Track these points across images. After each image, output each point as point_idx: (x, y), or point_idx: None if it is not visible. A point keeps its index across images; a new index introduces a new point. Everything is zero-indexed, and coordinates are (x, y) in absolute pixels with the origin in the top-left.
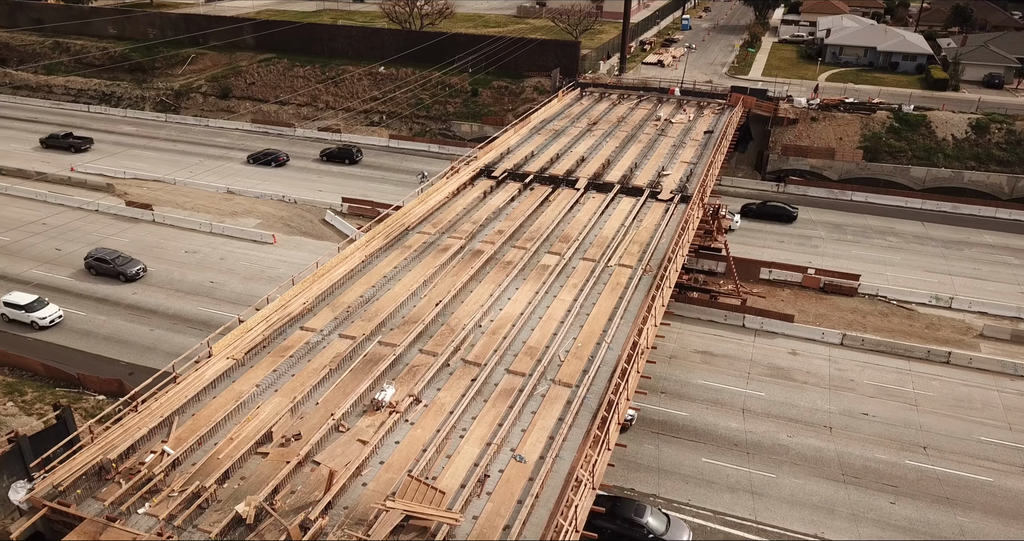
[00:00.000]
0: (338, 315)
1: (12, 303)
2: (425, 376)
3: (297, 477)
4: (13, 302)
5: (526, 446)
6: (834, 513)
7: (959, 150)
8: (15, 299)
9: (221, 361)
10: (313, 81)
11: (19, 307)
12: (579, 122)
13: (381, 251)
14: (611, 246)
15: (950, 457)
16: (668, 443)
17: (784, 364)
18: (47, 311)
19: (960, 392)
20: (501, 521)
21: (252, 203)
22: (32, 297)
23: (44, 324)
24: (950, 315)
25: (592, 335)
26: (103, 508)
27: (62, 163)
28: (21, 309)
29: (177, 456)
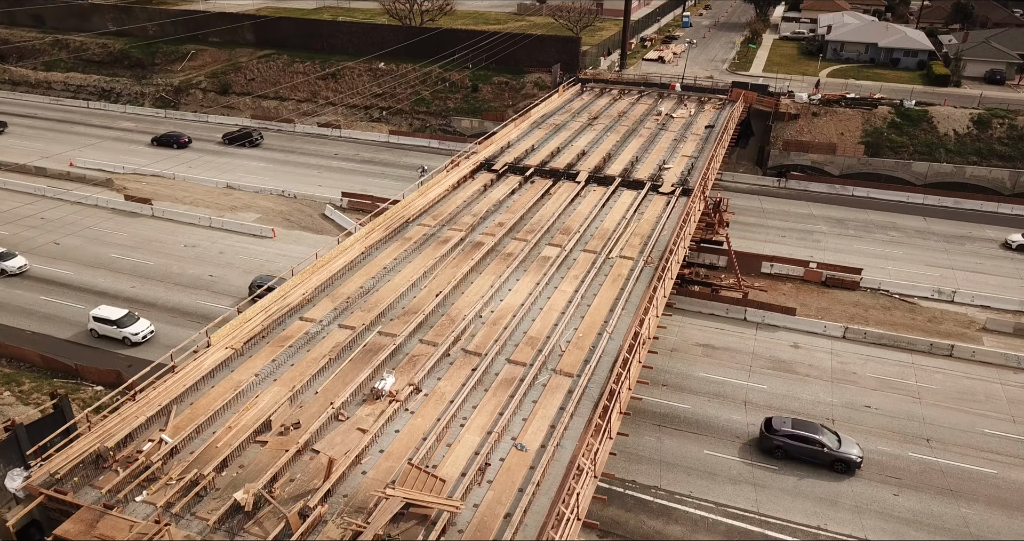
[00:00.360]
0: (337, 306)
1: (102, 318)
2: (425, 366)
3: (296, 465)
4: (103, 317)
5: (527, 435)
6: (837, 505)
7: (961, 145)
8: (105, 314)
9: (220, 351)
10: (313, 77)
11: (110, 322)
12: (580, 117)
13: (381, 243)
14: (612, 238)
15: (954, 449)
16: (670, 435)
17: (786, 357)
18: (139, 326)
19: (963, 385)
20: (502, 509)
21: (251, 198)
22: (123, 312)
23: (137, 340)
24: (953, 309)
25: (593, 326)
26: (100, 496)
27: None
28: (112, 324)
29: (175, 444)
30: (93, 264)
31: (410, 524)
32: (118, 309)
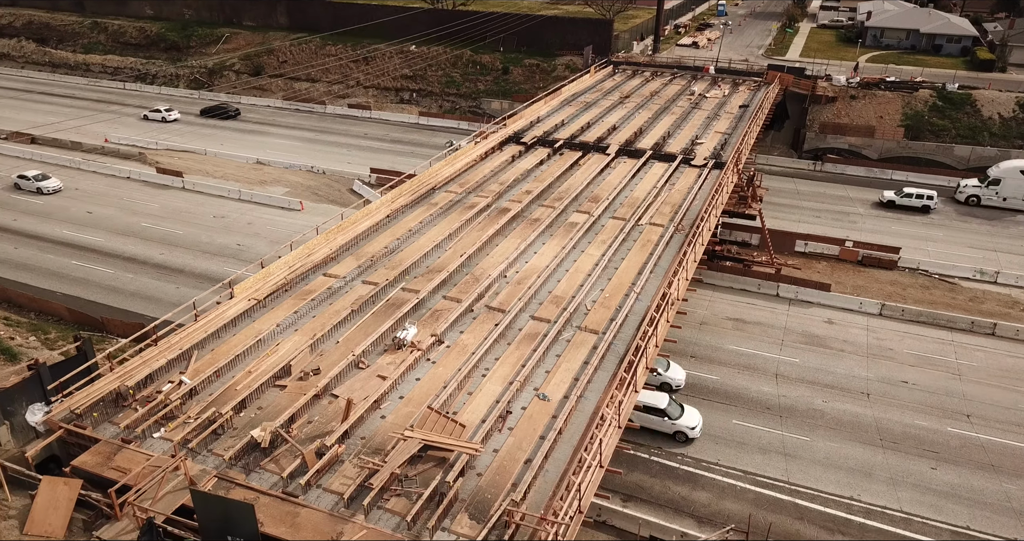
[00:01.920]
0: (361, 263)
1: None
2: (448, 318)
3: (315, 408)
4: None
5: (550, 386)
6: (871, 476)
7: (1006, 129)
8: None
9: (242, 302)
10: (345, 59)
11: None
12: (611, 96)
13: (407, 207)
14: (642, 206)
15: (996, 426)
16: (697, 405)
17: (820, 333)
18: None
19: (1006, 363)
20: (523, 454)
21: (281, 173)
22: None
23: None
24: (995, 289)
25: (621, 287)
26: (118, 432)
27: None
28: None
29: (194, 385)
30: (124, 232)
31: (428, 466)
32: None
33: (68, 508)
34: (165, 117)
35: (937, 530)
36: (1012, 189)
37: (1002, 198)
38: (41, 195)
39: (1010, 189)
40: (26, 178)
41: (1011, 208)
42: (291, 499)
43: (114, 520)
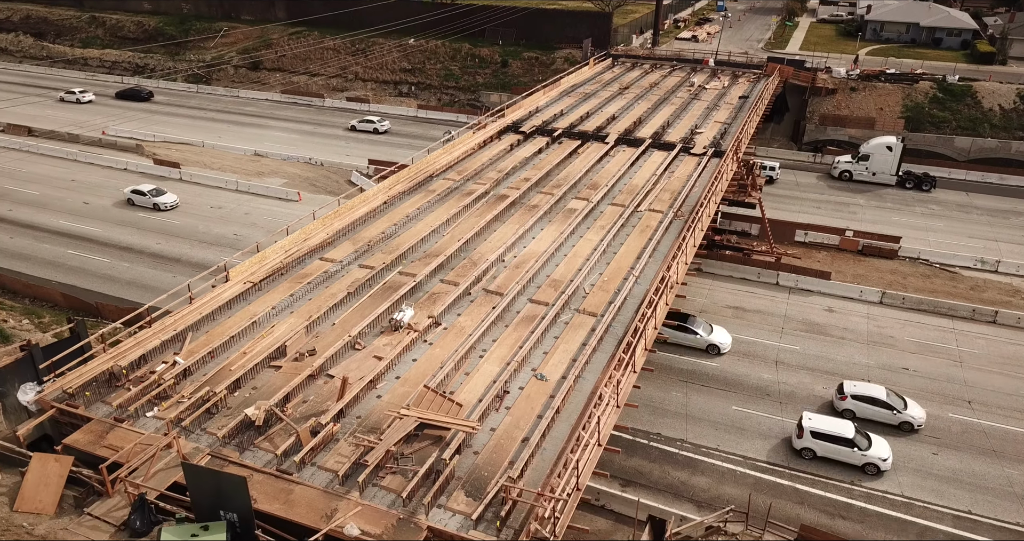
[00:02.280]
0: (358, 248)
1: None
2: (445, 301)
3: (310, 388)
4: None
5: (548, 366)
6: None
7: (1007, 120)
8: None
9: (237, 285)
10: (343, 53)
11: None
12: (610, 87)
13: (404, 194)
14: (641, 193)
15: (997, 412)
16: (697, 392)
17: (820, 320)
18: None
19: (1008, 351)
20: (520, 433)
21: (279, 164)
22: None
23: None
24: (996, 278)
25: (619, 271)
26: (111, 411)
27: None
28: None
29: (188, 365)
30: (120, 222)
31: (424, 444)
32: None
33: (59, 485)
34: (80, 99)
35: (939, 514)
36: (879, 164)
37: (871, 173)
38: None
39: (877, 164)
40: (141, 194)
41: (879, 182)
42: (285, 476)
43: (105, 497)
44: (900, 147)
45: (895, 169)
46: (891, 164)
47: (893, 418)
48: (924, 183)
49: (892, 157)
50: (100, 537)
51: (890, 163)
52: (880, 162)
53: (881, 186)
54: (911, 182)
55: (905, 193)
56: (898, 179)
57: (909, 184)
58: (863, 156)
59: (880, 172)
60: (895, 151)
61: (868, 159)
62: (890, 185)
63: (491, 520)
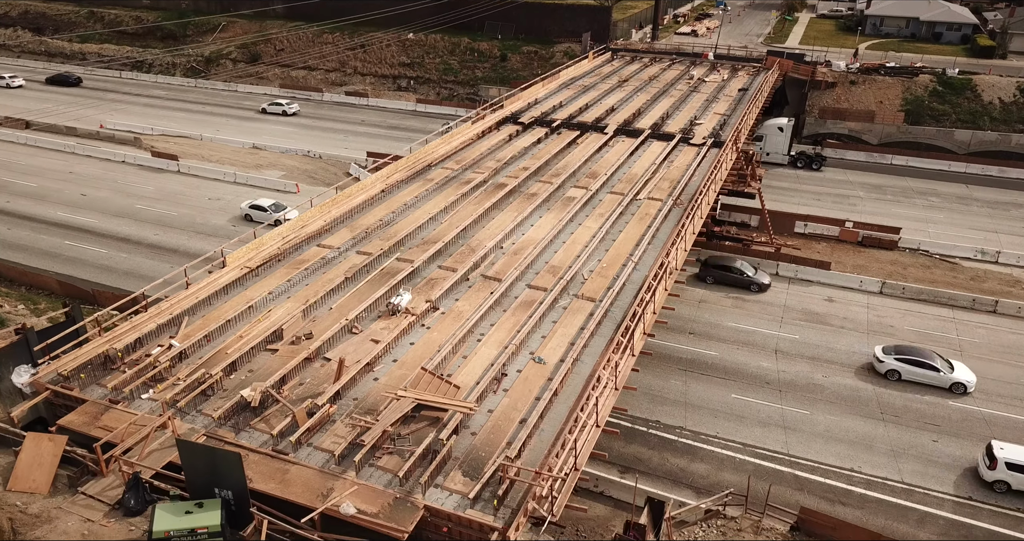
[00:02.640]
0: (356, 235)
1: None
2: (443, 286)
3: (306, 371)
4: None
5: (546, 350)
6: (872, 449)
7: (1007, 113)
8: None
9: (234, 271)
10: (342, 47)
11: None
12: (609, 79)
13: (402, 183)
14: (640, 182)
15: (998, 400)
16: (696, 380)
17: (820, 310)
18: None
19: (1008, 340)
20: (518, 415)
21: (277, 157)
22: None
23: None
24: (996, 269)
25: (618, 257)
26: (106, 393)
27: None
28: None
29: (184, 348)
30: (118, 214)
31: (421, 425)
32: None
33: (53, 464)
34: (9, 84)
35: (939, 501)
36: (772, 144)
37: (766, 153)
38: None
39: (771, 145)
40: (261, 209)
41: (773, 161)
42: (281, 456)
43: (99, 476)
44: (791, 128)
45: (787, 149)
46: (783, 144)
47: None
48: (814, 162)
49: (784, 137)
50: (94, 516)
51: (782, 143)
52: (773, 142)
53: (775, 165)
54: (802, 161)
55: (797, 171)
56: (790, 158)
57: (800, 163)
58: (758, 136)
59: (774, 152)
60: (786, 132)
61: (762, 139)
62: (783, 164)
63: (488, 499)
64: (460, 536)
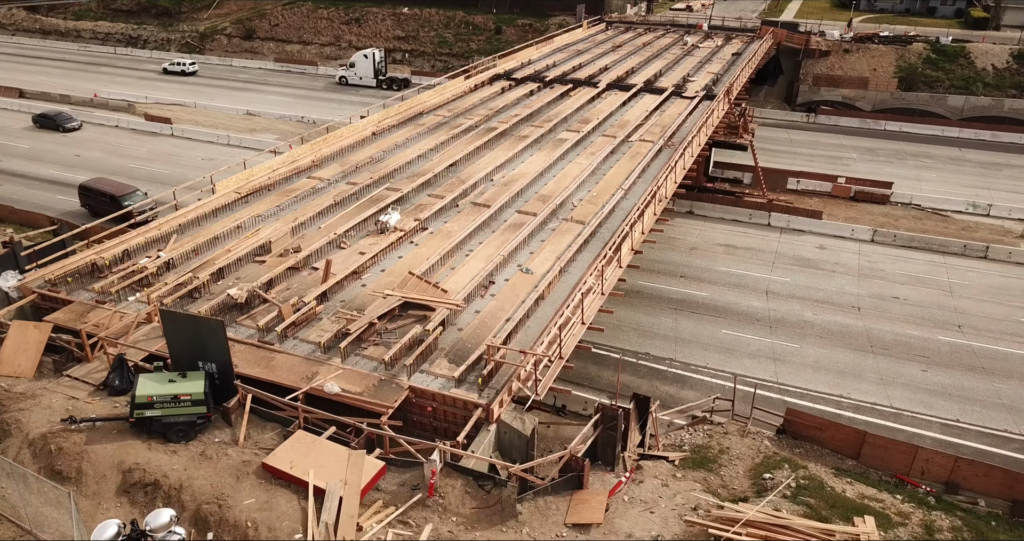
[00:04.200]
0: (346, 169)
1: None
2: (432, 210)
3: (294, 278)
4: None
5: (533, 263)
6: (861, 378)
7: (1000, 79)
8: None
9: (224, 197)
10: (337, 22)
11: None
12: (603, 45)
13: (393, 127)
14: (632, 127)
15: (987, 335)
16: (687, 318)
17: (811, 256)
18: None
19: (998, 282)
20: (504, 314)
21: (271, 123)
22: None
23: None
24: (988, 221)
25: (608, 188)
26: (93, 296)
27: None
28: None
29: (171, 258)
30: (111, 172)
31: (408, 321)
32: None
33: (38, 350)
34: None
35: (927, 423)
36: (363, 70)
37: (359, 77)
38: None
39: (361, 70)
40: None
41: (364, 85)
42: (266, 346)
43: (85, 362)
44: (376, 56)
45: (374, 74)
46: (371, 70)
47: None
48: (396, 84)
49: (370, 64)
50: (79, 395)
51: (371, 69)
52: (363, 68)
53: (366, 87)
54: (386, 84)
55: (385, 91)
56: (378, 82)
57: (385, 86)
58: (351, 63)
59: (365, 76)
60: (370, 59)
61: (355, 66)
62: (372, 86)
63: (473, 382)
64: (445, 415)
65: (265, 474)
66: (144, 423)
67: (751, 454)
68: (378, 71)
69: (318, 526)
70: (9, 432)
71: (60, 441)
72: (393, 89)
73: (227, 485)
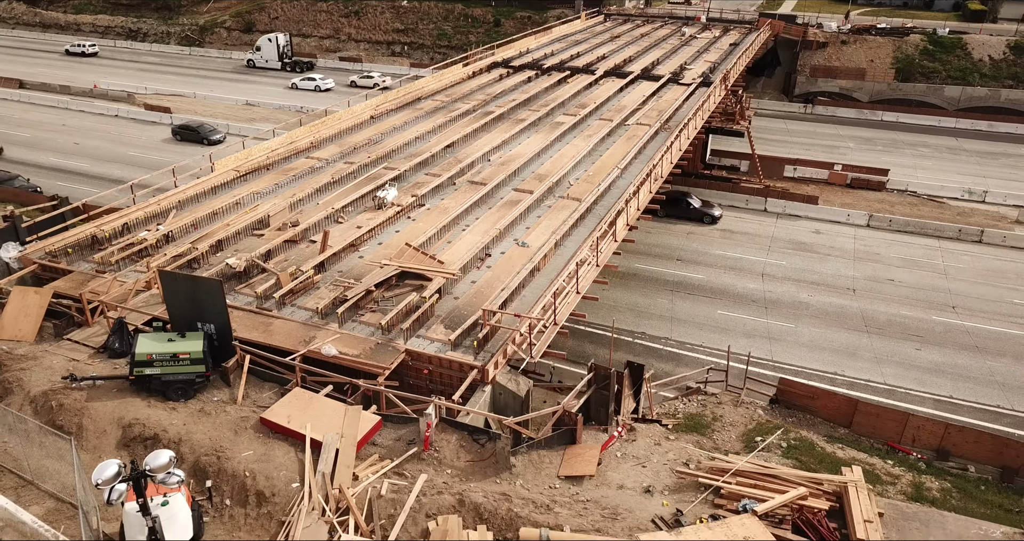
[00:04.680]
0: (344, 150)
1: None
2: (429, 186)
3: (292, 250)
4: None
5: (529, 238)
6: (856, 356)
7: (996, 70)
8: None
9: (223, 175)
10: (336, 15)
11: None
12: (601, 36)
13: (391, 112)
14: (629, 111)
15: (980, 315)
16: (683, 299)
17: (807, 240)
18: None
19: (993, 265)
20: (500, 285)
21: (270, 112)
22: None
23: None
24: (983, 207)
25: (605, 168)
26: (94, 266)
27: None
28: None
29: (170, 230)
30: (110, 159)
31: (404, 290)
32: None
33: (39, 315)
34: None
35: (921, 399)
36: (267, 53)
37: (265, 60)
38: None
39: (266, 53)
40: None
41: (270, 67)
42: (264, 312)
43: (85, 326)
44: (280, 40)
45: (278, 57)
46: (275, 53)
47: None
48: (299, 66)
49: (274, 47)
50: (79, 357)
51: (275, 52)
52: (268, 52)
53: (272, 70)
54: (290, 66)
55: (289, 73)
56: (282, 64)
57: (289, 68)
58: (257, 47)
59: (270, 59)
60: (274, 43)
61: (260, 50)
62: (277, 69)
63: (468, 346)
64: (441, 377)
65: (263, 428)
66: (143, 381)
67: (744, 421)
68: (283, 54)
69: (315, 475)
70: (11, 390)
71: (61, 398)
72: (296, 71)
73: (225, 439)
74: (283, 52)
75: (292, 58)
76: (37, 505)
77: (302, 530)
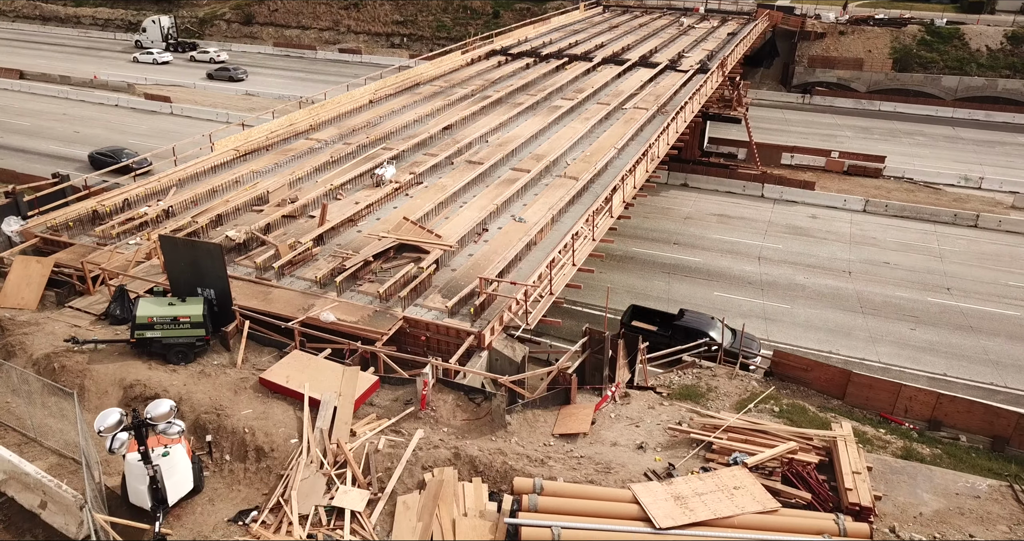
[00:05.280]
0: (343, 132)
1: None
2: (427, 165)
3: (291, 225)
4: None
5: (527, 214)
6: (851, 336)
7: (993, 60)
8: None
9: (223, 154)
10: (335, 7)
11: None
12: (600, 26)
13: (390, 96)
14: (626, 96)
15: (975, 296)
16: (679, 281)
17: (803, 225)
18: None
19: (988, 248)
20: (497, 257)
21: (270, 102)
22: None
23: None
24: (979, 193)
25: (602, 149)
26: (95, 240)
27: None
28: None
29: (171, 206)
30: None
31: (402, 262)
32: None
33: (40, 284)
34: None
35: (915, 376)
36: (152, 34)
37: (150, 41)
38: None
39: (151, 34)
40: None
41: (154, 47)
42: (264, 281)
43: (86, 295)
44: (163, 22)
45: (163, 38)
46: (159, 34)
47: None
48: (183, 47)
49: (158, 29)
50: (81, 323)
51: (159, 34)
52: (153, 33)
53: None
54: (174, 47)
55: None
56: (167, 45)
57: (173, 49)
58: (143, 29)
59: (155, 40)
60: (158, 25)
61: (146, 31)
62: (162, 49)
63: (465, 314)
64: (438, 344)
65: (262, 388)
66: (144, 344)
67: (738, 392)
68: (167, 36)
69: (313, 432)
70: (14, 353)
71: (63, 360)
72: (179, 52)
73: (225, 398)
74: (167, 34)
75: (177, 39)
76: (40, 460)
77: (300, 481)
